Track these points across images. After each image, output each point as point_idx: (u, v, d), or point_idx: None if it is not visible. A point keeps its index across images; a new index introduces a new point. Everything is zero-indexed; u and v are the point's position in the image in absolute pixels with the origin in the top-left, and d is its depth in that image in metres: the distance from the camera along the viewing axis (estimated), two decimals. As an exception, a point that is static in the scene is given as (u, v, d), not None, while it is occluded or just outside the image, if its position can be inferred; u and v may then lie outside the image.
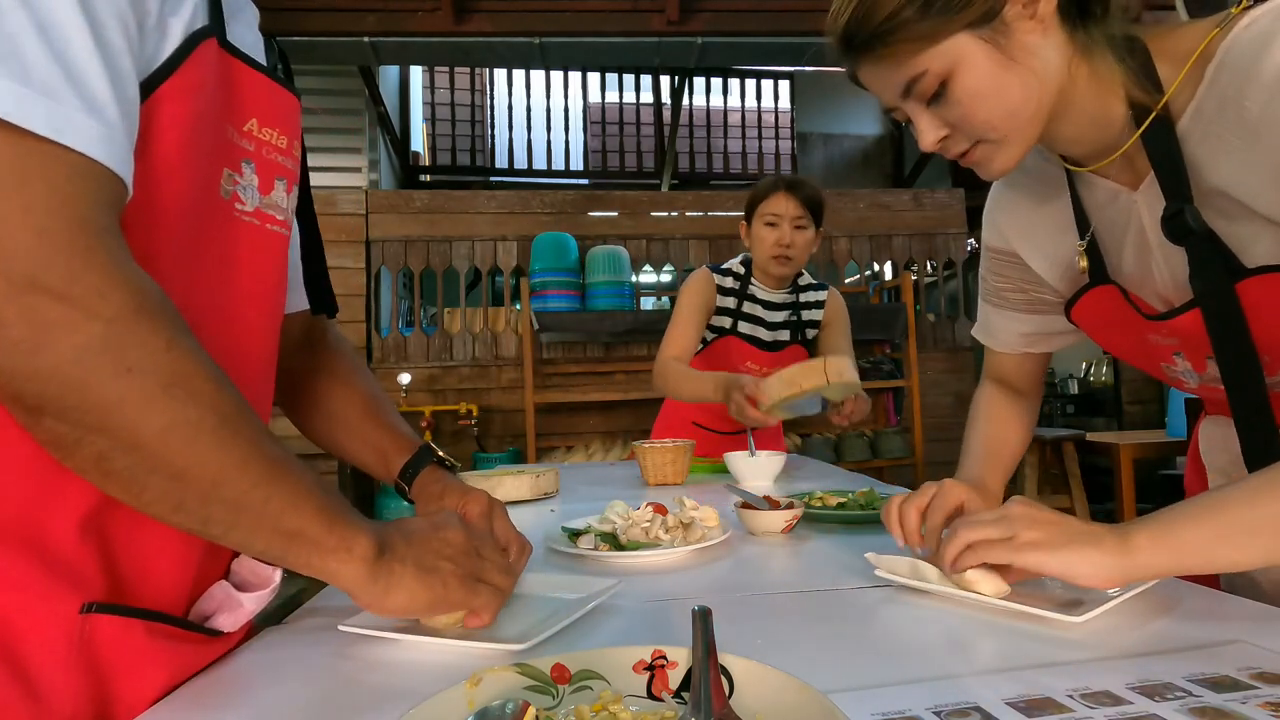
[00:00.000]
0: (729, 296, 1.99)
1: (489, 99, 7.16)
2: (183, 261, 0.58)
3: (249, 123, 0.64)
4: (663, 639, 0.55)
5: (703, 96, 7.21)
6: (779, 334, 2.03)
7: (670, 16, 4.57)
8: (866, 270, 5.63)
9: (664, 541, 1.01)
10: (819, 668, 0.59)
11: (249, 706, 0.56)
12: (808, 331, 2.06)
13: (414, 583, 0.61)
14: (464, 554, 0.66)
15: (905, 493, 1.25)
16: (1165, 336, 0.83)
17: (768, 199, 1.92)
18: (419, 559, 0.62)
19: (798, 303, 2.04)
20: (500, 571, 0.69)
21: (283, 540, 0.55)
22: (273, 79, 0.66)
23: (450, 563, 0.64)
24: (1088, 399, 6.09)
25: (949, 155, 0.80)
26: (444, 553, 0.65)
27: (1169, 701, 0.49)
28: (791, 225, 1.89)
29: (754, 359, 1.99)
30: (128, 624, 0.56)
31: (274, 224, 0.69)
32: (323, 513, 0.56)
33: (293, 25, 4.46)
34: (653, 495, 1.49)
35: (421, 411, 4.62)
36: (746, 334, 2.00)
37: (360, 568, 0.58)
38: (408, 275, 5.05)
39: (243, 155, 0.64)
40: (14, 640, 0.51)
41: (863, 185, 7.17)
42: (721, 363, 1.97)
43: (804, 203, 1.89)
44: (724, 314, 1.99)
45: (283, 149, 0.68)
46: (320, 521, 0.56)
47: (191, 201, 0.58)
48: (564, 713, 0.49)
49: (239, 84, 0.63)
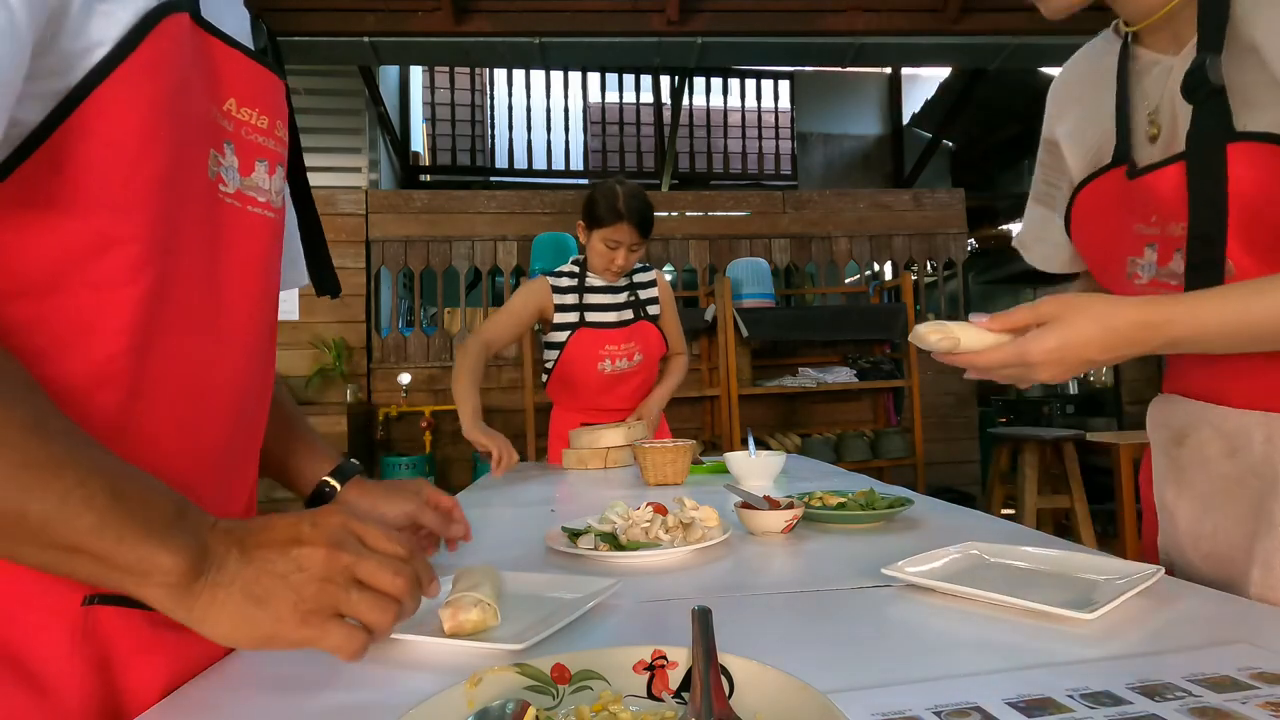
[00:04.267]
0: (569, 294, 2.20)
1: (489, 99, 7.16)
2: (169, 244, 0.57)
3: (228, 102, 0.62)
4: (663, 639, 0.55)
5: (703, 96, 7.21)
6: (624, 313, 2.24)
7: (670, 16, 4.57)
8: (866, 270, 5.63)
9: (664, 541, 1.01)
10: (819, 668, 0.59)
11: (248, 707, 0.56)
12: (649, 309, 2.28)
13: (235, 614, 0.50)
14: (317, 580, 0.51)
15: (905, 492, 1.26)
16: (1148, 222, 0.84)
17: (613, 227, 2.08)
18: (250, 584, 0.50)
19: (633, 283, 2.28)
20: (370, 606, 0.53)
21: (63, 559, 0.46)
22: (252, 58, 0.64)
23: (292, 592, 0.51)
24: (1088, 399, 6.09)
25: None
26: (289, 577, 0.51)
27: (1169, 701, 0.49)
28: (628, 250, 2.12)
29: (609, 340, 2.20)
30: (129, 614, 0.56)
31: (255, 206, 0.67)
32: (106, 526, 0.46)
33: (293, 25, 4.46)
34: (653, 495, 1.49)
35: (421, 411, 4.62)
36: (594, 320, 2.20)
37: (162, 592, 0.48)
38: (408, 275, 5.05)
39: (224, 135, 0.62)
40: (17, 636, 0.51)
41: (863, 185, 7.17)
42: (583, 354, 2.18)
43: (642, 230, 2.10)
44: (568, 311, 2.20)
45: (264, 130, 0.66)
46: (102, 537, 0.46)
47: (173, 182, 0.56)
48: (564, 713, 0.49)
49: (216, 62, 0.61)
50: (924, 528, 1.12)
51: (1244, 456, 0.79)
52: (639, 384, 2.29)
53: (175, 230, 0.57)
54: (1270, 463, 0.77)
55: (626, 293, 2.27)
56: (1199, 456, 0.85)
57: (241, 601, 0.50)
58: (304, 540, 0.52)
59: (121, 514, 0.47)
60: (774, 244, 5.19)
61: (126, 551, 0.47)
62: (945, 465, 5.08)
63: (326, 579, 0.52)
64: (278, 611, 0.50)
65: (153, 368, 0.57)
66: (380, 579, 0.53)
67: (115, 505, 0.47)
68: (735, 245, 5.14)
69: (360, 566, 0.53)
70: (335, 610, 0.52)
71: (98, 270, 0.53)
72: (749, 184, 7.18)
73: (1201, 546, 0.85)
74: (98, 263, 0.53)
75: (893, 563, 0.82)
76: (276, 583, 0.51)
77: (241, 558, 0.51)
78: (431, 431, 4.60)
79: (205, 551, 0.50)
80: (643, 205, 2.10)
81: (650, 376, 2.32)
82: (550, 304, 2.19)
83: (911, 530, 1.11)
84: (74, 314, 0.53)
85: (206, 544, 0.50)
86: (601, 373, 2.20)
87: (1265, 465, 0.77)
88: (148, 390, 0.57)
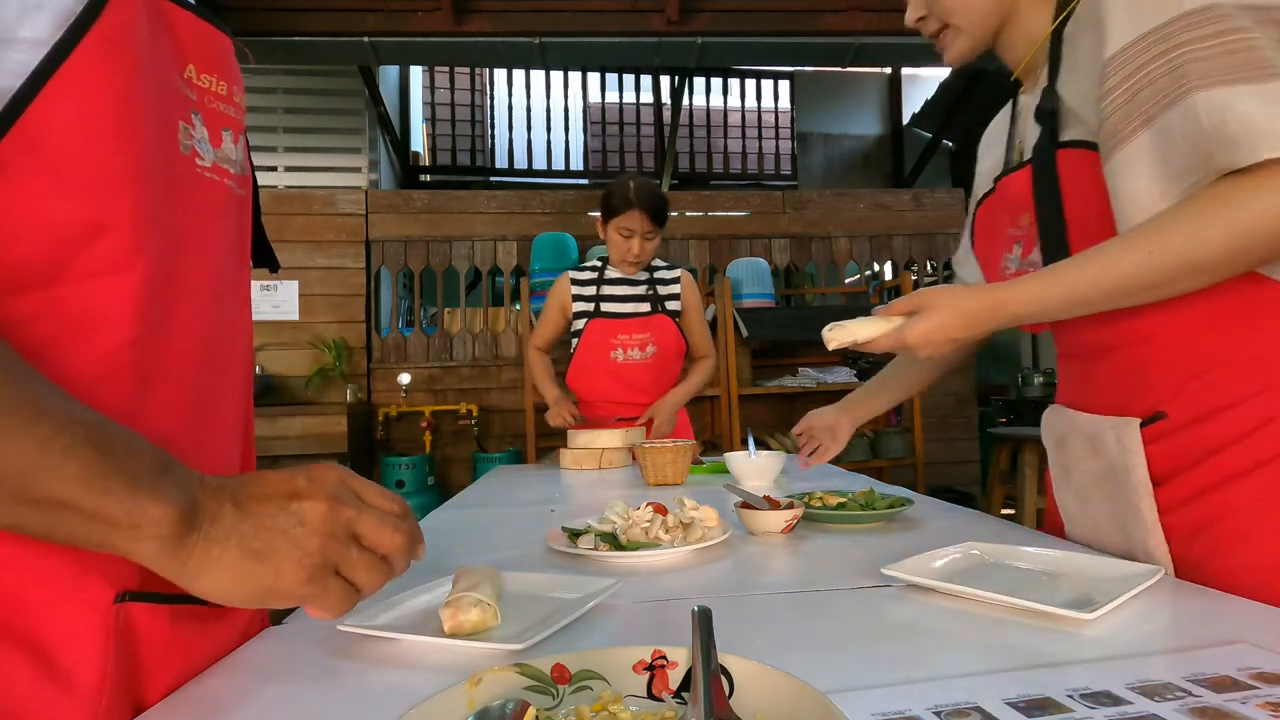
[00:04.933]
0: (587, 286, 2.36)
1: (489, 99, 7.16)
2: (160, 226, 0.56)
3: (187, 69, 0.60)
4: (663, 639, 0.55)
5: (703, 96, 7.21)
6: (639, 305, 2.35)
7: (670, 16, 4.58)
8: (866, 270, 5.63)
9: (664, 541, 1.01)
10: (819, 668, 0.59)
11: (249, 707, 0.56)
12: (667, 304, 2.37)
13: (233, 569, 0.48)
14: (321, 534, 0.50)
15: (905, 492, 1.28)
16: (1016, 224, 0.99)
17: (624, 214, 2.22)
18: (248, 538, 0.48)
19: (653, 279, 2.38)
20: (368, 566, 0.52)
21: (43, 514, 0.44)
22: (202, 17, 0.61)
23: (295, 547, 0.49)
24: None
25: (925, 34, 1.03)
26: (289, 531, 0.49)
27: (1169, 701, 0.49)
28: (642, 238, 2.23)
29: (621, 329, 2.33)
30: (155, 610, 0.56)
31: (229, 179, 0.65)
32: (92, 475, 0.44)
33: (293, 25, 4.46)
34: (653, 495, 1.49)
35: (421, 411, 4.62)
36: (609, 311, 2.34)
37: (154, 546, 0.46)
38: (408, 275, 5.06)
39: (190, 106, 0.60)
40: (47, 635, 0.51)
41: (863, 185, 7.17)
42: (596, 342, 2.32)
43: (654, 219, 2.22)
44: (586, 301, 2.35)
45: (223, 96, 0.64)
46: (89, 488, 0.44)
47: (153, 160, 0.55)
48: (564, 713, 0.49)
49: (172, 26, 0.58)
50: (924, 528, 1.12)
51: (1103, 455, 0.92)
52: (654, 379, 2.33)
53: (164, 212, 0.56)
54: (1123, 459, 0.88)
55: (645, 286, 2.36)
56: (1073, 456, 0.99)
57: (240, 556, 0.48)
58: (302, 494, 0.50)
59: (108, 465, 0.44)
60: (774, 244, 5.20)
61: (114, 504, 0.44)
62: (945, 465, 5.08)
63: (329, 534, 0.50)
64: (279, 566, 0.49)
65: (159, 356, 0.57)
66: (380, 536, 0.52)
67: (100, 456, 0.44)
68: (735, 245, 5.14)
69: (361, 522, 0.52)
70: (336, 567, 0.51)
71: (92, 258, 0.52)
72: (749, 184, 7.18)
73: (1083, 536, 0.99)
74: (91, 250, 0.52)
75: (893, 563, 0.82)
76: (277, 537, 0.49)
77: (236, 511, 0.49)
78: (431, 431, 4.60)
79: (195, 504, 0.48)
80: (653, 193, 2.23)
81: (666, 373, 2.37)
82: (569, 296, 2.37)
83: (911, 530, 1.11)
84: (77, 305, 0.52)
85: (196, 498, 0.48)
86: (614, 361, 2.30)
87: (1119, 461, 0.89)
88: (156, 379, 0.57)
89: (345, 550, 0.51)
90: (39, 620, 0.51)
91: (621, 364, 2.30)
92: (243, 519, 0.49)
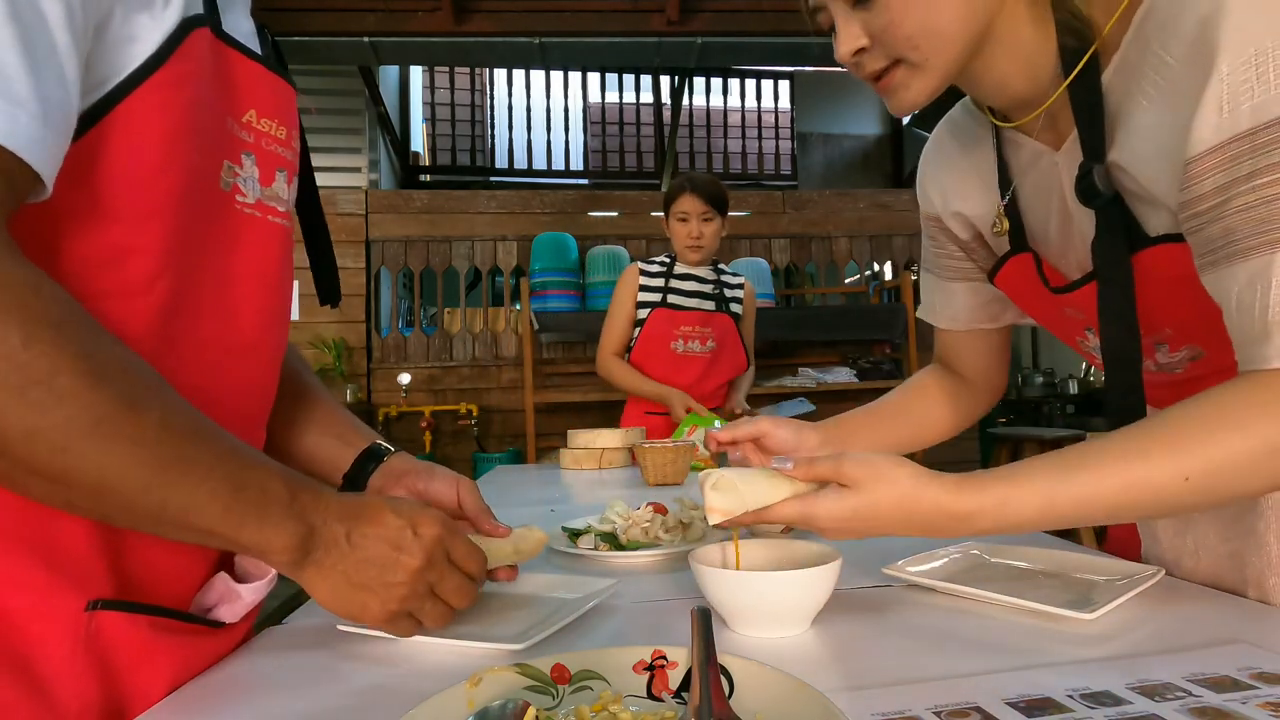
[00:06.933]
0: (655, 278, 2.38)
1: (489, 99, 7.15)
2: (183, 254, 0.58)
3: (248, 114, 0.63)
4: (663, 639, 0.55)
5: (703, 96, 7.20)
6: (705, 302, 2.39)
7: (670, 16, 4.58)
8: (866, 270, 5.63)
9: (664, 541, 1.01)
10: (819, 668, 0.59)
11: (249, 707, 0.56)
12: (731, 306, 2.43)
13: (333, 592, 0.59)
14: (408, 585, 0.61)
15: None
16: (1076, 310, 0.80)
17: (678, 199, 2.29)
18: (351, 572, 0.59)
19: (720, 280, 2.43)
20: (436, 614, 0.63)
21: (199, 536, 0.53)
22: (269, 69, 0.66)
23: (384, 590, 0.60)
24: (1088, 399, 6.08)
25: (862, 73, 0.73)
26: (385, 579, 0.60)
27: (1169, 701, 0.49)
28: (699, 219, 2.27)
29: (685, 321, 2.36)
30: (133, 620, 0.56)
31: (276, 216, 0.68)
32: (230, 513, 0.53)
33: (293, 25, 4.46)
34: (653, 495, 1.49)
35: (421, 411, 4.62)
36: (674, 303, 2.37)
37: (279, 563, 0.58)
38: (408, 275, 5.05)
39: (242, 147, 0.63)
40: (20, 641, 0.52)
41: (863, 185, 7.16)
42: (659, 332, 2.34)
43: (707, 199, 2.26)
44: (651, 291, 2.37)
45: (282, 140, 0.68)
46: (228, 522, 0.53)
47: (189, 193, 0.57)
48: (564, 713, 0.49)
49: (235, 74, 0.62)
50: (924, 528, 1.12)
51: None
52: (704, 369, 2.37)
53: (189, 240, 0.58)
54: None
55: (712, 285, 2.41)
56: None
57: (340, 584, 0.59)
58: (404, 548, 0.61)
59: (243, 503, 0.53)
60: (774, 244, 5.19)
61: (247, 536, 0.54)
62: (945, 465, 5.04)
63: (413, 590, 0.61)
64: (367, 602, 0.60)
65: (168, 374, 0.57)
66: (453, 599, 0.64)
67: (236, 496, 0.53)
68: (735, 245, 5.14)
69: (442, 586, 0.63)
70: (411, 611, 0.62)
71: (115, 279, 0.54)
72: (749, 184, 7.18)
73: (1185, 563, 0.84)
74: (115, 272, 0.54)
75: (893, 563, 0.82)
76: (374, 579, 0.60)
77: (348, 543, 0.59)
78: (431, 431, 4.60)
79: (312, 533, 0.57)
80: (708, 180, 2.30)
81: (721, 370, 2.41)
82: (637, 285, 2.39)
83: (911, 530, 1.10)
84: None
85: (313, 526, 0.58)
86: (674, 352, 2.34)
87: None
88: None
89: (422, 602, 0.62)
90: (10, 627, 0.52)
91: (681, 355, 2.35)
92: (351, 551, 0.59)
